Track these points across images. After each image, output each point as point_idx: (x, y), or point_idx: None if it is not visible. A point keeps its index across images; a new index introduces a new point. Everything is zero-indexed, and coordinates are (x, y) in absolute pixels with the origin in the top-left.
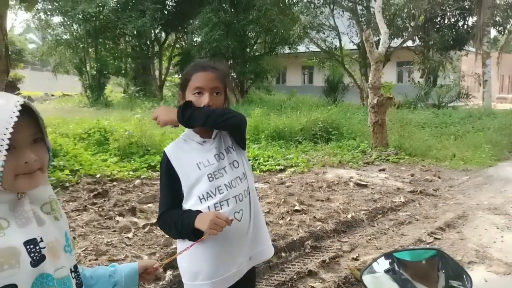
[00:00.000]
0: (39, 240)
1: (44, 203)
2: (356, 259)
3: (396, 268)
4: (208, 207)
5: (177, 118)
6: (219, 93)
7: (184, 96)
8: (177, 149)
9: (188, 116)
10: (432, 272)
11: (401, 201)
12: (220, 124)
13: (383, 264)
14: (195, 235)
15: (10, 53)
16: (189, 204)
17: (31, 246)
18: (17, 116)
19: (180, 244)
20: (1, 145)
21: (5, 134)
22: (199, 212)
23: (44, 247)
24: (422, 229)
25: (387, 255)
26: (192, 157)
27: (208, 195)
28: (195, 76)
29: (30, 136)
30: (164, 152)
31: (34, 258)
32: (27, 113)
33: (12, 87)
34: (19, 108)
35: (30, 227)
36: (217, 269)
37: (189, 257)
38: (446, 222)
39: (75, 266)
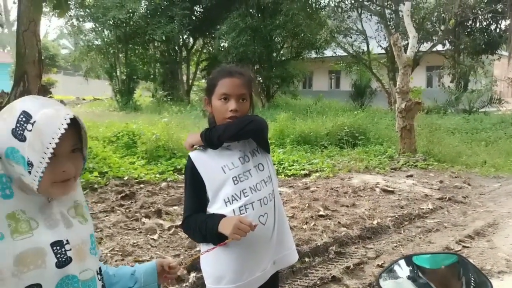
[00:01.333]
0: (65, 242)
1: (70, 207)
2: (381, 266)
3: (415, 272)
4: (233, 210)
5: (201, 139)
6: (245, 99)
7: (210, 101)
8: (201, 154)
9: (208, 134)
10: (452, 278)
11: (429, 208)
12: (239, 134)
13: (402, 268)
14: (220, 239)
15: (43, 58)
16: (214, 207)
17: (58, 248)
18: (64, 129)
19: (204, 248)
20: (45, 153)
21: (50, 144)
22: (223, 216)
23: (70, 249)
24: (450, 236)
25: (406, 259)
26: (217, 160)
27: (233, 198)
28: (221, 82)
29: (70, 146)
30: (188, 156)
31: (60, 259)
32: (72, 124)
33: (44, 91)
34: (68, 121)
35: (58, 229)
36: (242, 273)
37: (213, 260)
38: (476, 230)
39: (100, 268)
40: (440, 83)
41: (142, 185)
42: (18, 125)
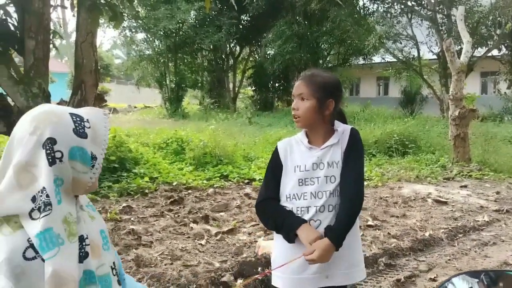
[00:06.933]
0: (85, 236)
1: (86, 204)
2: (433, 280)
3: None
4: (291, 208)
5: (336, 247)
6: (304, 98)
7: None
8: (287, 146)
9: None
10: None
11: (484, 220)
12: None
13: (463, 283)
14: (291, 239)
15: (99, 68)
16: (281, 199)
17: (81, 243)
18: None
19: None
20: (104, 145)
21: (106, 135)
22: (304, 221)
23: (88, 245)
24: (508, 251)
25: (471, 274)
26: (294, 158)
27: (293, 197)
28: None
29: None
30: (277, 145)
31: (81, 254)
32: None
33: (100, 99)
34: (109, 116)
35: (81, 224)
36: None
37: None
38: None
39: (114, 263)
40: (496, 90)
41: (190, 191)
42: (76, 124)
